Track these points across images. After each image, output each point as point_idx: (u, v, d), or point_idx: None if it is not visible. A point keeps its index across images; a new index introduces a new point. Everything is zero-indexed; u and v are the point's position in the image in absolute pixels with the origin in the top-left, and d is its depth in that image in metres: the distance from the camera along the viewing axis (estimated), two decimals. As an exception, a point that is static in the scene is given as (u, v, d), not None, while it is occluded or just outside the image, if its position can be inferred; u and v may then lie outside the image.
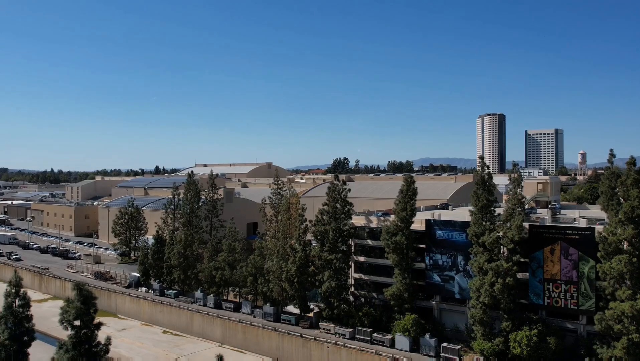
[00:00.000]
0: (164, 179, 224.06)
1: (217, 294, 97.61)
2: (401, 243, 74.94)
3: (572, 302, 65.92)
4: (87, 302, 44.88)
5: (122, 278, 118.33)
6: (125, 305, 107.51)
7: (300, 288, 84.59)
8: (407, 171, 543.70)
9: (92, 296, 46.44)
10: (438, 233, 76.60)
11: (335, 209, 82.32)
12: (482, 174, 69.88)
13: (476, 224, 68.99)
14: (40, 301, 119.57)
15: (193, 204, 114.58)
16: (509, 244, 66.27)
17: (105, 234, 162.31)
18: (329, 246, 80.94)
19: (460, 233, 74.16)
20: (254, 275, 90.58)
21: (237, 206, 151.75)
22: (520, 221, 66.10)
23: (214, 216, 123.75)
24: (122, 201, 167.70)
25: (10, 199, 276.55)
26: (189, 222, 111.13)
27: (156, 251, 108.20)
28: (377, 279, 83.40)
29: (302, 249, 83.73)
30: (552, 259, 67.17)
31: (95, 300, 47.04)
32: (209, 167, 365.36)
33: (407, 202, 76.02)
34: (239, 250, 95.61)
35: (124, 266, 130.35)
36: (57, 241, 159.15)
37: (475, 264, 68.49)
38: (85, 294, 45.39)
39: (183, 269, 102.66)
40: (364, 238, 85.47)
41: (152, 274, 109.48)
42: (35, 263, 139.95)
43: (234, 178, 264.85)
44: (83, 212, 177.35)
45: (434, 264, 76.86)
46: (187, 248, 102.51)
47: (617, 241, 59.11)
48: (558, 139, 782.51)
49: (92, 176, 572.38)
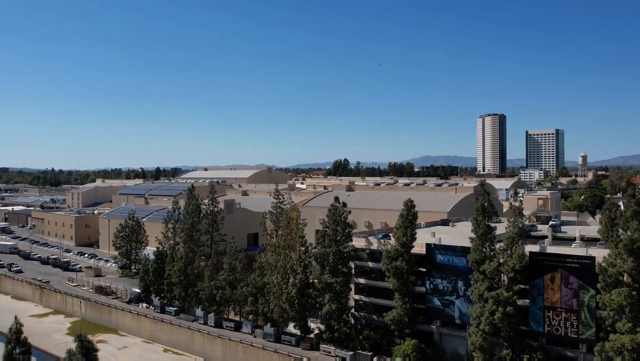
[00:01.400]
0: (164, 186, 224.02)
1: (218, 313, 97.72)
2: (401, 267, 74.97)
3: (573, 330, 65.95)
4: (88, 354, 44.82)
5: (122, 293, 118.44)
6: (126, 322, 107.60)
7: (301, 310, 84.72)
8: (408, 173, 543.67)
9: (93, 348, 46.39)
10: (438, 257, 76.61)
11: (335, 231, 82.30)
12: (482, 202, 69.86)
13: (476, 251, 69.03)
14: (40, 316, 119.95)
15: (193, 218, 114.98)
16: (509, 272, 66.31)
17: (106, 244, 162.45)
18: (329, 270, 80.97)
19: (460, 258, 74.14)
20: (255, 295, 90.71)
21: (238, 217, 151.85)
22: (522, 251, 66.10)
23: (215, 230, 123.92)
24: (122, 211, 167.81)
25: (11, 204, 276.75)
26: (189, 237, 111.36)
27: (157, 268, 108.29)
28: (378, 302, 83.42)
29: (302, 271, 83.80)
30: (552, 287, 67.19)
31: (96, 352, 46.92)
32: (209, 171, 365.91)
33: (408, 226, 76.01)
34: (239, 269, 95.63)
35: (125, 279, 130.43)
36: (58, 252, 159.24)
37: (475, 291, 68.55)
38: (87, 346, 45.33)
39: (184, 287, 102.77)
40: (365, 260, 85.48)
41: (153, 290, 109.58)
42: (36, 275, 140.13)
43: (234, 184, 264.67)
44: (84, 221, 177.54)
45: (434, 288, 76.90)
46: (188, 266, 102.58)
47: (616, 273, 59.12)
48: (559, 139, 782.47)
49: (93, 178, 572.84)
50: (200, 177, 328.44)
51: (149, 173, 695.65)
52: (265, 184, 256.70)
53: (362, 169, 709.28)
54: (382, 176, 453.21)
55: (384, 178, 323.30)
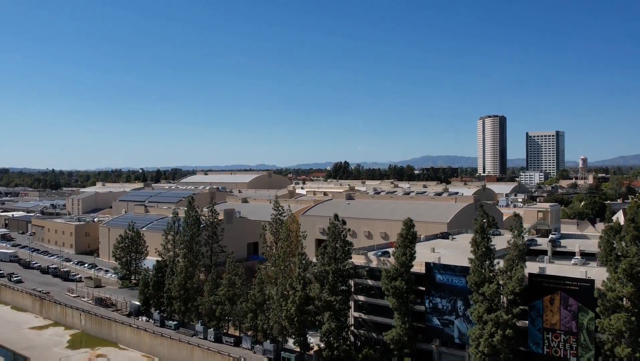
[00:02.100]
0: (164, 193, 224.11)
1: (218, 328, 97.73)
2: (401, 287, 74.98)
3: (572, 353, 65.96)
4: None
5: (122, 305, 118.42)
6: (126, 335, 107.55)
7: (300, 327, 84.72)
8: (408, 175, 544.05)
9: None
10: (438, 276, 76.62)
11: (335, 249, 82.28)
12: (481, 223, 69.86)
13: (475, 272, 69.04)
14: (41, 328, 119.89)
15: (193, 230, 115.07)
16: (509, 295, 66.34)
17: (106, 253, 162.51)
18: (329, 288, 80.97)
19: (459, 278, 74.16)
20: (254, 311, 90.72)
21: (238, 227, 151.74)
22: (521, 274, 66.12)
23: (215, 242, 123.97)
24: (122, 220, 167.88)
25: (11, 209, 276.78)
26: (189, 249, 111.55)
27: (156, 281, 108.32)
28: (377, 319, 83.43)
29: (302, 288, 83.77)
30: (551, 308, 67.23)
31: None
32: (210, 175, 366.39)
33: (407, 246, 76.02)
34: (239, 285, 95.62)
35: (125, 290, 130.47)
36: (57, 261, 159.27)
37: (475, 313, 68.58)
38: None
39: (183, 301, 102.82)
40: (364, 277, 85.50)
41: (153, 303, 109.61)
42: (36, 285, 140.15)
43: (234, 189, 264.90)
44: (84, 229, 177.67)
45: (433, 307, 76.92)
46: (188, 281, 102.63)
47: (616, 298, 59.16)
48: (559, 141, 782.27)
49: (93, 180, 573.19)
50: (200, 181, 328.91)
51: (149, 175, 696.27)
52: (265, 190, 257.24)
53: (362, 170, 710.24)
54: (383, 179, 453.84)
55: (384, 184, 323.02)
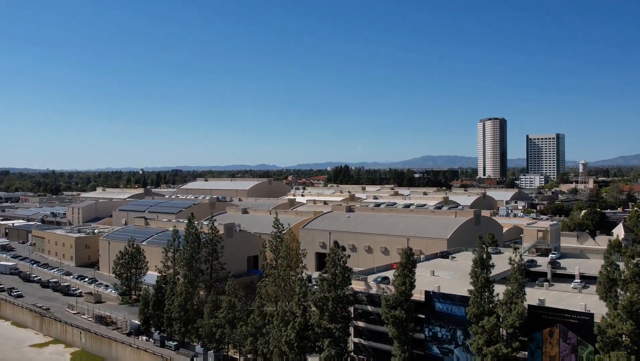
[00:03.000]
0: (164, 202, 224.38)
1: (218, 350, 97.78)
2: (400, 316, 74.99)
3: (571, 386, 66.00)
4: None
5: (122, 323, 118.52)
6: (126, 355, 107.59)
7: (300, 352, 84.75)
8: (408, 179, 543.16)
9: None
10: (437, 305, 76.70)
11: (334, 276, 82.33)
12: (481, 254, 69.92)
13: (475, 304, 69.07)
14: (41, 346, 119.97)
15: (193, 249, 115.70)
16: (508, 328, 66.38)
17: (106, 266, 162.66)
18: (328, 315, 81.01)
19: (459, 307, 74.24)
20: (254, 335, 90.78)
21: (238, 241, 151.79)
22: (521, 308, 66.18)
23: (215, 259, 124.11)
24: (122, 233, 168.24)
25: (12, 217, 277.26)
26: (189, 267, 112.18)
27: (156, 301, 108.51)
28: (377, 346, 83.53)
29: (301, 314, 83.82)
30: (550, 341, 67.27)
31: None
32: (210, 181, 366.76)
33: (407, 275, 76.03)
34: (238, 308, 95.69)
35: (125, 307, 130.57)
36: (58, 275, 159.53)
37: (474, 344, 68.61)
38: None
39: (183, 323, 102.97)
40: (364, 303, 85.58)
41: (153, 323, 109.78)
42: (36, 299, 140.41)
43: (234, 197, 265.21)
44: (84, 242, 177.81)
45: (433, 336, 76.99)
46: (188, 302, 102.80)
47: (615, 335, 59.19)
48: (559, 143, 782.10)
49: (94, 184, 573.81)
50: (200, 188, 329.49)
51: (150, 177, 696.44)
52: (266, 198, 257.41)
53: (363, 172, 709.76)
54: (383, 184, 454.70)
55: (384, 189, 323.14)
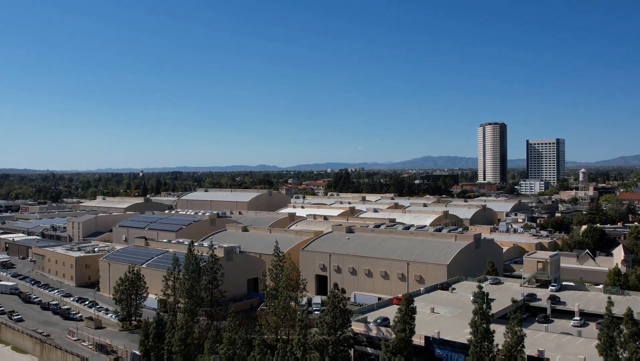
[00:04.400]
0: (164, 218, 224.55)
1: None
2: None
3: None
4: None
5: (123, 353, 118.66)
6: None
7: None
8: (408, 186, 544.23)
9: None
10: (437, 351, 76.94)
11: (334, 318, 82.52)
12: (481, 306, 70.07)
13: (474, 355, 69.21)
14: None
15: (193, 279, 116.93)
16: (508, 381, 66.55)
17: (106, 287, 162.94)
18: (329, 359, 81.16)
19: (459, 354, 74.47)
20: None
21: (238, 263, 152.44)
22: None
23: (215, 288, 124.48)
24: (122, 255, 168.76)
25: (12, 230, 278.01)
26: (189, 297, 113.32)
27: (157, 333, 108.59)
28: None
29: (302, 356, 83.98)
30: (550, 393, 67.40)
31: None
32: (210, 192, 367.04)
33: (407, 322, 76.19)
34: (239, 345, 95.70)
35: (125, 334, 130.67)
36: (58, 297, 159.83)
37: (474, 395, 68.74)
38: None
39: (184, 358, 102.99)
40: (364, 344, 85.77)
41: (153, 356, 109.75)
42: (37, 323, 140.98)
43: (234, 210, 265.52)
44: (84, 261, 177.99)
45: (433, 382, 77.18)
46: (188, 336, 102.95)
47: (615, 393, 59.37)
48: (559, 148, 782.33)
49: (93, 190, 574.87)
50: (200, 199, 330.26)
51: (150, 181, 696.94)
52: (266, 212, 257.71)
53: (363, 175, 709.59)
54: (383, 192, 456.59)
55: (383, 201, 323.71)
